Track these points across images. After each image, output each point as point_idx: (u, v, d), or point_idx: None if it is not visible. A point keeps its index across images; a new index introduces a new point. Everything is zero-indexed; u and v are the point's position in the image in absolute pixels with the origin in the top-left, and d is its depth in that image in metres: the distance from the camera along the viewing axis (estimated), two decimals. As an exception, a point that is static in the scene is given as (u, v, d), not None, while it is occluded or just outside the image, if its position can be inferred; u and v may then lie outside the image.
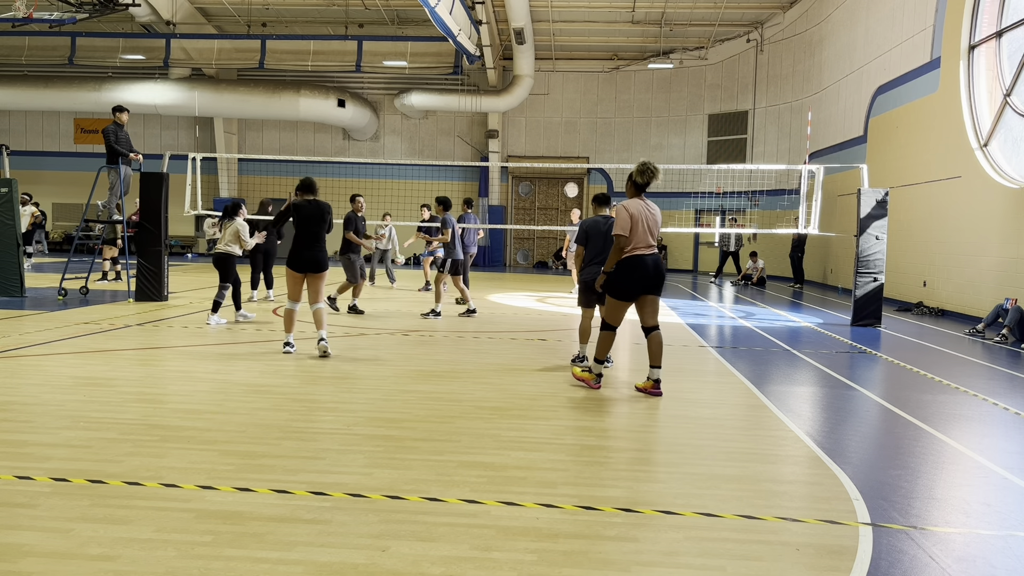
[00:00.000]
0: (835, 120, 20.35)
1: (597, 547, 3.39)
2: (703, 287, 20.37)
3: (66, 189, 28.18)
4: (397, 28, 26.48)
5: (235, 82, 26.50)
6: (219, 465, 4.33)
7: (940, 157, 14.35)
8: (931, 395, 7.00)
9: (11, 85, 25.68)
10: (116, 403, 5.73)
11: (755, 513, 3.85)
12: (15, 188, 12.46)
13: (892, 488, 4.32)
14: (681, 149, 27.02)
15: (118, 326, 9.63)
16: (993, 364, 8.98)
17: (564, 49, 26.91)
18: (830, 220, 18.25)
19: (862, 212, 12.23)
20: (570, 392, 6.64)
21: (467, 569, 3.13)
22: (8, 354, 7.53)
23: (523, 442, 5.00)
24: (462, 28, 20.91)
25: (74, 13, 20.27)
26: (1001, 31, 12.95)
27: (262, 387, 6.44)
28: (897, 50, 16.33)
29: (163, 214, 12.41)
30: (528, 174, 28.32)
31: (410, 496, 3.93)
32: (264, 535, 3.40)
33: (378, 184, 25.73)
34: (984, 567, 3.36)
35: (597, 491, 4.10)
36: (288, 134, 28.90)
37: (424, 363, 7.82)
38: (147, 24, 25.10)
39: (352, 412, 5.75)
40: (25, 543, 3.24)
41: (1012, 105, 12.56)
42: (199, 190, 14.41)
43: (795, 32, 23.47)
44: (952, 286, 13.83)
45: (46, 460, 4.34)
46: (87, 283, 13.08)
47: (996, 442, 5.64)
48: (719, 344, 9.94)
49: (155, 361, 7.65)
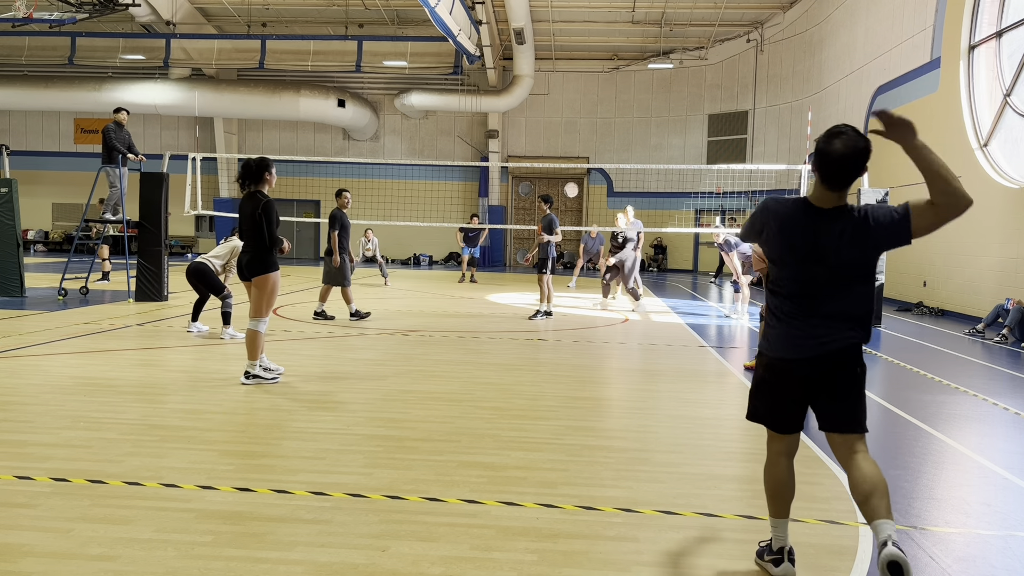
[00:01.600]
0: (835, 120, 20.26)
1: (597, 547, 3.39)
2: (703, 287, 20.38)
3: (66, 189, 28.18)
4: (397, 28, 26.48)
5: (235, 82, 26.51)
6: (219, 465, 4.33)
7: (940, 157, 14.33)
8: (931, 395, 6.99)
9: (11, 85, 25.68)
10: (116, 403, 5.72)
11: (755, 513, 3.85)
12: (15, 188, 12.46)
13: (892, 488, 4.30)
14: (681, 149, 27.02)
15: (118, 326, 9.63)
16: (993, 364, 8.98)
17: (564, 49, 26.91)
18: (830, 220, 18.21)
19: (862, 212, 12.21)
20: (570, 392, 6.64)
21: (467, 569, 3.13)
22: (8, 354, 7.53)
23: (523, 442, 5.00)
24: (462, 28, 20.91)
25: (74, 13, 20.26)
26: (1001, 31, 12.95)
27: (262, 387, 6.44)
28: (897, 50, 16.33)
29: (163, 214, 12.41)
30: (528, 174, 28.32)
31: (410, 496, 3.92)
32: (264, 535, 3.40)
33: (378, 184, 25.75)
34: (984, 567, 3.36)
35: (597, 491, 4.10)
36: (288, 134, 28.89)
37: (424, 363, 7.82)
38: (147, 24, 25.09)
39: (352, 412, 5.75)
40: (25, 543, 3.24)
41: (1012, 105, 12.56)
42: (199, 190, 14.42)
43: (795, 32, 23.47)
44: (952, 286, 13.83)
45: (46, 460, 4.34)
46: (87, 283, 13.08)
47: (996, 442, 5.64)
48: (719, 344, 9.94)
49: (155, 361, 7.65)
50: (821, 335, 3.00)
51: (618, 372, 7.70)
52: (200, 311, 9.48)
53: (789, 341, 3.06)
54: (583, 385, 7.02)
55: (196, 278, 9.31)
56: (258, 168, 6.54)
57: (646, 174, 26.09)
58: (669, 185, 24.88)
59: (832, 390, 3.03)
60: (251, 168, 6.55)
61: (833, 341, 2.99)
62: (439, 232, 27.18)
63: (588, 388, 6.89)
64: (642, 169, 25.56)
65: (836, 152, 2.90)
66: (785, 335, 3.07)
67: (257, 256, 6.47)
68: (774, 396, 3.15)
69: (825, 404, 3.05)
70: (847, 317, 3.01)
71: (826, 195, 2.99)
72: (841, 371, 3.02)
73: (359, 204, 24.39)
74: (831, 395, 3.03)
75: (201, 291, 9.44)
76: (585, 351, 9.00)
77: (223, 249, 9.50)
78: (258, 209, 6.41)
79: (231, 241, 9.52)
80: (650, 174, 25.92)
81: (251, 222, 6.47)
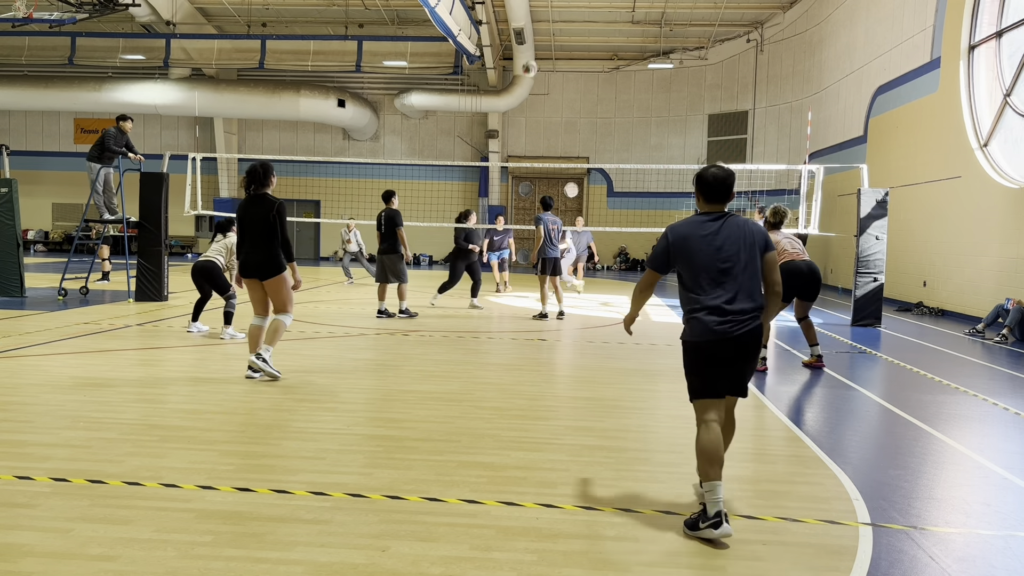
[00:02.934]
0: (835, 120, 20.35)
1: (597, 547, 3.39)
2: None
3: (66, 189, 28.19)
4: (397, 28, 26.48)
5: (235, 82, 26.50)
6: (219, 465, 4.33)
7: (940, 157, 14.35)
8: (931, 395, 6.99)
9: (11, 85, 25.68)
10: (116, 403, 5.73)
11: (755, 513, 3.85)
12: (15, 188, 12.47)
13: (892, 488, 4.32)
14: (681, 149, 27.03)
15: (118, 326, 9.63)
16: (993, 364, 8.98)
17: (564, 49, 26.91)
18: (830, 220, 18.24)
19: (862, 212, 12.23)
20: (570, 392, 6.64)
21: (467, 569, 3.13)
22: (8, 354, 7.53)
23: (523, 442, 5.00)
24: (462, 28, 20.91)
25: (74, 13, 20.25)
26: (1001, 31, 12.94)
27: (262, 387, 6.44)
28: (897, 50, 16.33)
29: (163, 214, 12.41)
30: (528, 174, 28.32)
31: (410, 496, 3.92)
32: (264, 535, 3.40)
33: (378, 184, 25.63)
34: (984, 567, 3.36)
35: (597, 491, 4.10)
36: (288, 134, 28.89)
37: (424, 363, 7.82)
38: (147, 24, 25.10)
39: (352, 412, 5.75)
40: (25, 543, 3.24)
41: (1012, 105, 12.55)
42: (199, 190, 14.41)
43: (795, 32, 23.47)
44: (952, 286, 13.83)
45: (46, 460, 4.34)
46: (87, 283, 13.08)
47: (996, 442, 5.64)
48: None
49: (155, 361, 7.65)
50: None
51: (618, 372, 7.70)
52: (201, 311, 9.44)
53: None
54: (583, 385, 7.02)
55: (203, 277, 9.25)
56: (265, 172, 6.80)
57: (646, 174, 26.10)
58: (669, 185, 24.86)
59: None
60: (258, 172, 6.77)
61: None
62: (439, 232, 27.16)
63: (588, 388, 6.89)
64: (642, 169, 25.57)
65: (711, 175, 3.88)
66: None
67: (271, 257, 6.61)
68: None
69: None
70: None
71: (708, 207, 3.92)
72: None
73: (359, 204, 24.40)
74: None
75: (205, 291, 9.38)
76: (585, 351, 9.00)
77: (220, 247, 9.41)
78: (272, 212, 6.61)
79: (227, 239, 9.44)
80: (650, 174, 25.93)
81: (264, 224, 6.61)
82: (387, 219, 11.18)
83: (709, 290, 3.73)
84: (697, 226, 3.82)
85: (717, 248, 3.74)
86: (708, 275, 3.74)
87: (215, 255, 9.34)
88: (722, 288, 3.72)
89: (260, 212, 6.65)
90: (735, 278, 3.72)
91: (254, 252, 6.65)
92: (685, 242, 3.79)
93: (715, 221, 3.81)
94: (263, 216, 6.62)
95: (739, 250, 3.75)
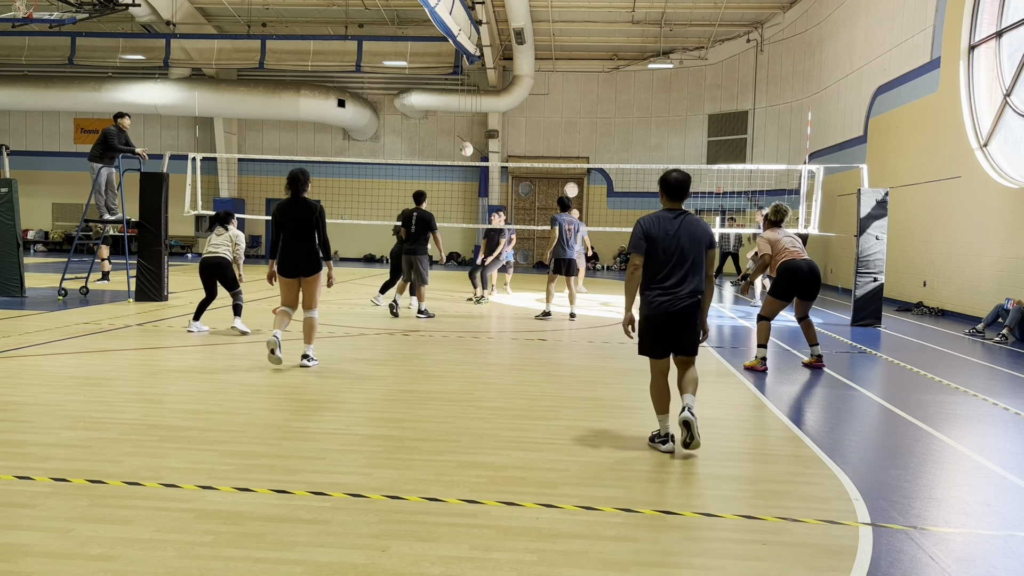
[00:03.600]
0: (835, 120, 20.35)
1: (597, 547, 3.39)
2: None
3: (66, 189, 28.17)
4: (397, 28, 26.48)
5: (235, 82, 26.49)
6: (219, 465, 4.33)
7: (940, 157, 14.34)
8: (931, 395, 6.99)
9: (11, 85, 25.66)
10: (116, 403, 5.73)
11: (755, 513, 3.85)
12: (15, 188, 12.46)
13: (892, 488, 4.32)
14: (681, 149, 27.02)
15: (118, 326, 9.63)
16: (993, 364, 8.98)
17: (564, 49, 26.90)
18: (830, 220, 18.25)
19: (862, 212, 12.23)
20: (570, 392, 6.64)
21: (467, 569, 3.13)
22: (8, 354, 7.53)
23: (523, 442, 5.00)
24: (462, 28, 20.91)
25: (74, 13, 20.25)
26: (1001, 31, 12.94)
27: (262, 387, 6.44)
28: (897, 50, 16.33)
29: (163, 214, 12.41)
30: (528, 174, 28.31)
31: (410, 496, 3.93)
32: (264, 535, 3.40)
33: (378, 184, 25.70)
34: (984, 567, 3.36)
35: (597, 491, 4.10)
36: (288, 134, 28.89)
37: (424, 363, 7.82)
38: (147, 24, 25.09)
39: (352, 412, 5.75)
40: (25, 543, 3.24)
41: (1012, 105, 12.55)
42: (199, 190, 14.41)
43: (795, 32, 23.47)
44: (952, 286, 13.83)
45: (46, 460, 4.34)
46: (87, 283, 13.08)
47: (996, 442, 5.64)
48: (719, 344, 9.94)
49: (155, 361, 7.65)
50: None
51: (618, 372, 7.70)
52: (204, 311, 9.44)
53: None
54: (583, 385, 7.02)
55: (214, 272, 9.28)
56: (305, 177, 7.38)
57: (646, 174, 26.07)
58: (669, 185, 24.82)
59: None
60: (299, 178, 7.31)
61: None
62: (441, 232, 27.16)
63: (588, 388, 6.89)
64: (642, 169, 25.53)
65: (673, 179, 4.85)
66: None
67: (311, 256, 7.24)
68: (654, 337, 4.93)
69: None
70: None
71: (670, 204, 4.90)
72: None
73: (359, 204, 24.39)
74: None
75: (212, 288, 9.40)
76: (585, 351, 9.00)
77: (224, 240, 9.40)
78: (315, 214, 7.26)
79: (228, 231, 9.46)
80: (650, 174, 25.88)
81: (307, 225, 7.23)
82: (422, 221, 11.54)
83: (661, 275, 4.76)
84: (665, 222, 4.80)
85: (676, 242, 4.74)
86: (664, 263, 4.75)
87: (222, 250, 9.35)
88: (672, 274, 4.75)
89: (302, 214, 7.23)
90: (683, 267, 4.73)
91: (296, 252, 7.22)
92: (653, 233, 4.78)
93: (676, 219, 4.80)
94: (305, 218, 7.22)
95: (691, 245, 4.74)
